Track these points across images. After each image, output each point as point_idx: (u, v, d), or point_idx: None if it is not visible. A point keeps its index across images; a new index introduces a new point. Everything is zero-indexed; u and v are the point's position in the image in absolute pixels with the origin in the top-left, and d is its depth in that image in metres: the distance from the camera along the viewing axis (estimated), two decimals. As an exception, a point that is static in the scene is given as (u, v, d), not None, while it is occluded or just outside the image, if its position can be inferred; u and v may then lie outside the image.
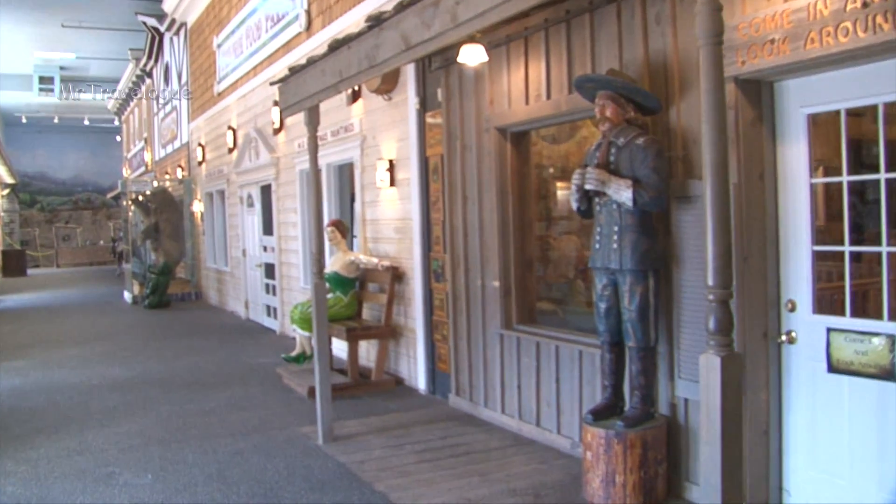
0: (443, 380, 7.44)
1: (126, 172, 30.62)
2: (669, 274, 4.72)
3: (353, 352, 8.03)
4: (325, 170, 9.95)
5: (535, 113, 5.86)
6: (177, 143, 20.06)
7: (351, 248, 9.24)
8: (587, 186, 4.60)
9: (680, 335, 4.68)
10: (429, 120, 7.39)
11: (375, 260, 8.23)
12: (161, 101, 21.74)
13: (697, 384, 4.69)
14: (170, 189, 19.22)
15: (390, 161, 8.12)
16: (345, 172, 9.85)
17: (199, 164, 17.13)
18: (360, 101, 8.88)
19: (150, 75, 23.45)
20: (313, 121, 6.20)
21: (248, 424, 6.92)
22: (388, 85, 8.00)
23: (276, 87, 6.99)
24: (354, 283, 8.57)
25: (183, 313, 15.75)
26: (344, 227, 8.63)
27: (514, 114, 6.11)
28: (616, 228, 4.61)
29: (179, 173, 19.27)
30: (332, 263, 8.61)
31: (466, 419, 6.75)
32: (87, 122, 32.29)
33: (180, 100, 18.80)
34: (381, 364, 8.10)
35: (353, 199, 9.60)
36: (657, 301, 4.65)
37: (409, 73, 7.67)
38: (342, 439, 6.31)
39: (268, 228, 12.65)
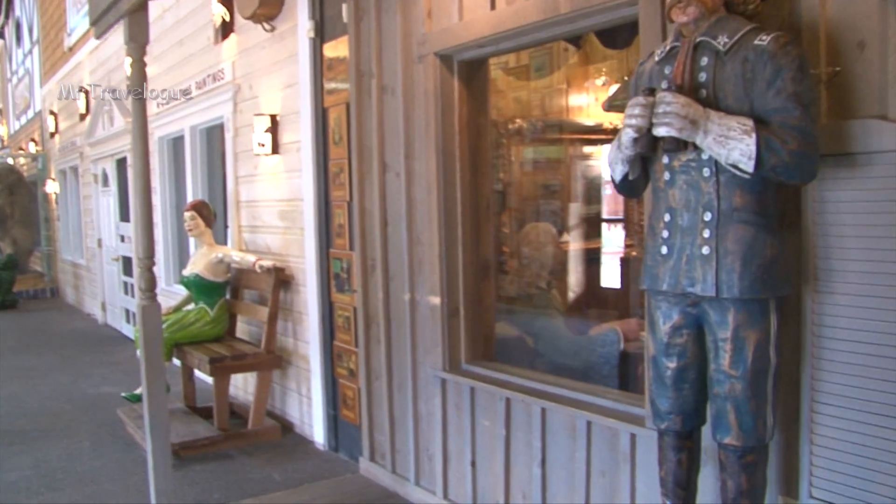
0: (350, 433, 5.02)
1: (-15, 149, 26.78)
2: (797, 302, 2.42)
3: (220, 390, 5.49)
4: (188, 134, 7.34)
5: (509, 22, 3.44)
6: (30, 113, 16.80)
7: (224, 241, 6.69)
8: (660, 130, 2.21)
9: (814, 416, 2.39)
10: (328, 54, 4.92)
11: (252, 258, 5.70)
12: (13, 63, 18.42)
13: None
14: (24, 166, 16.06)
15: (273, 117, 5.61)
16: (216, 137, 7.25)
17: (52, 135, 14.08)
18: (232, 38, 6.30)
19: (1, 35, 19.99)
20: (138, 36, 3.69)
21: (47, 519, 4.35)
22: (270, 8, 5.46)
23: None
24: (224, 290, 6.02)
25: (29, 316, 12.71)
26: (209, 212, 6.06)
27: (467, 28, 3.70)
28: (710, 216, 2.26)
29: (32, 148, 16.07)
30: (194, 262, 6.04)
31: (387, 501, 4.36)
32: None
33: (33, 60, 15.64)
34: (262, 406, 5.59)
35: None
36: (779, 357, 2.34)
37: (300, -11, 5.17)
38: (190, 553, 3.83)
39: (125, 213, 9.88)
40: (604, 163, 6.00)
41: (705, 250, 2.26)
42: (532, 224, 4.73)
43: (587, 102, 5.51)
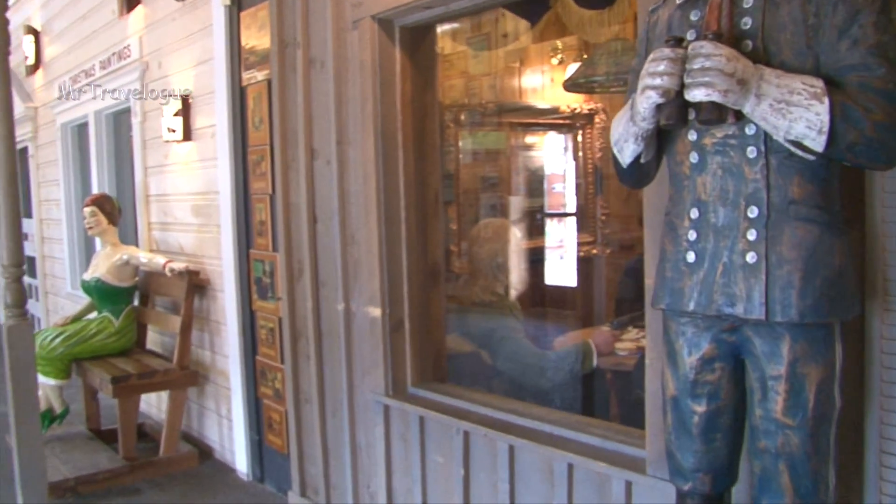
0: (277, 462, 4.33)
1: None
2: (860, 325, 1.84)
3: (125, 414, 4.71)
4: (92, 120, 6.50)
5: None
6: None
7: (135, 240, 5.88)
8: (697, 93, 1.55)
9: (884, 472, 1.82)
10: (247, 23, 4.21)
11: (161, 259, 4.94)
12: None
13: None
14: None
15: (184, 99, 4.85)
16: (124, 123, 6.43)
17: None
18: (139, 10, 5.49)
19: None
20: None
21: None
22: (179, -27, 4.72)
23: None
24: (130, 297, 5.24)
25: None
26: (112, 208, 5.25)
27: (411, -15, 3.05)
28: (756, 212, 1.65)
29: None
30: (96, 265, 5.24)
31: (321, 547, 3.70)
32: None
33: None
34: (175, 430, 4.84)
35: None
36: (843, 398, 1.74)
37: (213, -50, 4.44)
38: None
39: (27, 208, 8.95)
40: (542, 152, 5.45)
41: (750, 258, 1.65)
42: (487, 220, 4.12)
43: (542, 83, 4.92)
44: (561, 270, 5.21)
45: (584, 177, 5.29)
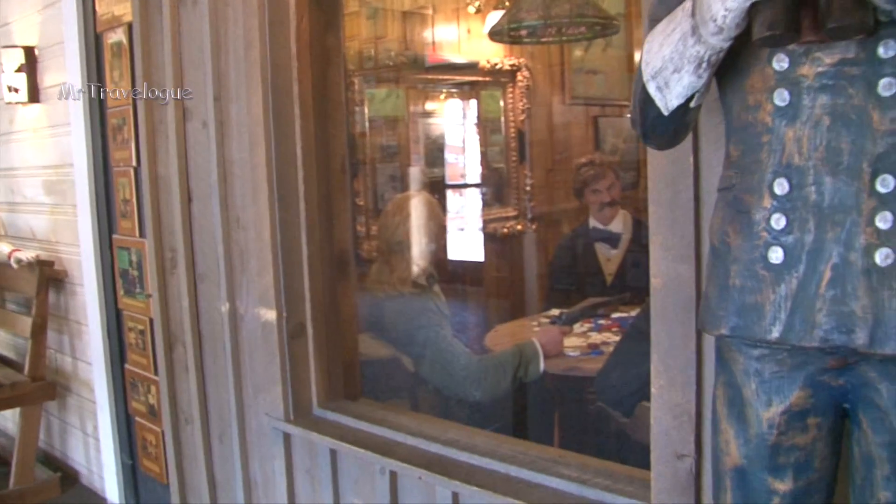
0: (155, 491, 3.53)
1: None
2: None
3: (-38, 437, 3.84)
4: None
5: None
6: None
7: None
8: None
9: None
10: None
11: (6, 248, 4.03)
12: None
13: None
14: None
15: (28, 51, 3.93)
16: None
17: None
18: (-29, -53, 4.52)
19: None
20: None
21: None
22: None
23: None
24: (-29, 293, 4.33)
25: None
26: (-56, 185, 4.31)
27: None
28: (892, 185, 0.98)
29: None
30: (-74, 255, 4.29)
31: None
32: None
33: None
34: (29, 455, 3.94)
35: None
36: None
37: None
38: None
39: None
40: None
41: (882, 257, 1.00)
42: (403, 194, 3.43)
43: (458, 36, 4.24)
44: (482, 249, 4.54)
45: (505, 142, 4.61)
